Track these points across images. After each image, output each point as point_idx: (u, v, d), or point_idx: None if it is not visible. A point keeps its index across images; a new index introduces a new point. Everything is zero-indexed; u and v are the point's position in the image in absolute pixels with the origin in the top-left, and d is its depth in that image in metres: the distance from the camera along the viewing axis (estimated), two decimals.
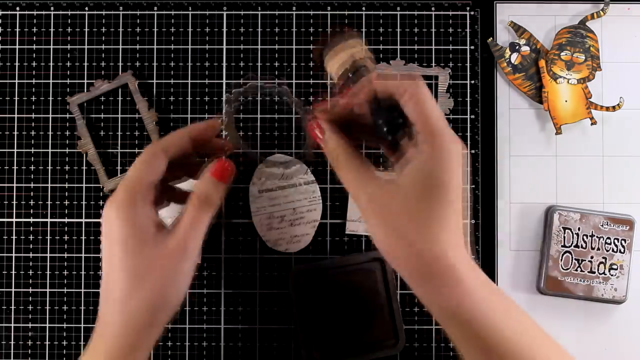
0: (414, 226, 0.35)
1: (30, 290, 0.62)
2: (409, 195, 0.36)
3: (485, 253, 0.63)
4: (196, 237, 0.41)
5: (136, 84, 0.63)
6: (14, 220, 0.63)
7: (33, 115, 0.63)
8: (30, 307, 0.62)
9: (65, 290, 0.62)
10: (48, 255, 0.62)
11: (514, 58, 0.63)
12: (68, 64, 0.64)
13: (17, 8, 0.64)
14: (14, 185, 0.63)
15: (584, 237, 0.61)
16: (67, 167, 0.63)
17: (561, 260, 0.61)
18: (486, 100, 0.64)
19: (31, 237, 0.63)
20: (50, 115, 0.63)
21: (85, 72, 0.64)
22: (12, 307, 0.62)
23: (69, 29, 0.64)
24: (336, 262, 0.61)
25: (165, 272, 0.39)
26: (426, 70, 0.64)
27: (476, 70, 0.64)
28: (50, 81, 0.63)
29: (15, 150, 0.63)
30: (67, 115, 0.63)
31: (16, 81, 0.63)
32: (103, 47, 0.64)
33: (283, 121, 0.63)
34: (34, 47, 0.64)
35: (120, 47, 0.64)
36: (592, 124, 0.63)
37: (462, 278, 0.36)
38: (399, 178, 0.37)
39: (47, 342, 0.62)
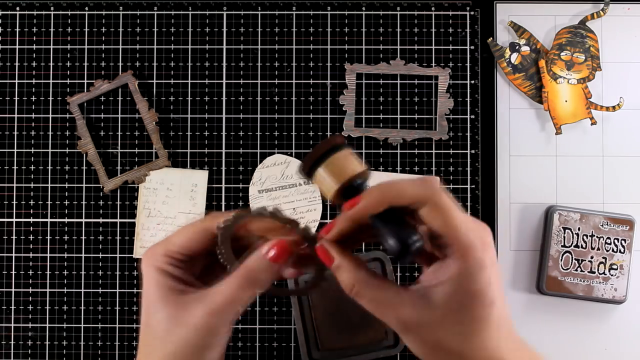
0: (459, 338, 0.33)
1: (30, 290, 0.62)
2: (447, 311, 0.34)
3: None
4: (229, 317, 0.37)
5: (136, 84, 0.63)
6: (14, 220, 0.63)
7: (33, 115, 0.63)
8: (30, 307, 0.62)
9: (65, 290, 0.62)
10: (48, 255, 0.62)
11: (514, 58, 0.63)
12: (68, 64, 0.64)
13: (17, 8, 0.64)
14: (14, 185, 0.63)
15: (584, 237, 0.61)
16: (67, 167, 0.63)
17: (561, 260, 0.61)
18: (486, 100, 0.64)
19: (31, 237, 0.63)
20: (50, 115, 0.63)
21: (85, 72, 0.64)
22: (12, 307, 0.62)
23: (69, 29, 0.64)
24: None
25: (185, 341, 0.36)
26: (426, 70, 0.64)
27: (476, 70, 0.64)
28: (50, 81, 0.63)
29: (15, 150, 0.63)
30: (67, 115, 0.63)
31: (16, 81, 0.63)
32: (103, 47, 0.64)
33: (283, 121, 0.63)
34: (34, 47, 0.64)
35: (120, 47, 0.64)
36: (592, 124, 0.63)
37: None
38: (432, 294, 0.34)
39: (47, 342, 0.62)
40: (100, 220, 0.63)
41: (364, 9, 0.64)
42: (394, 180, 0.36)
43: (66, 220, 0.63)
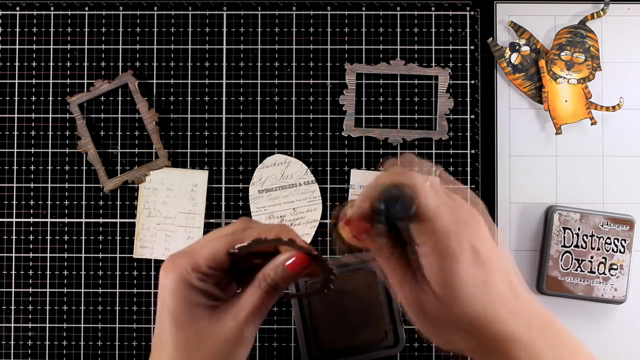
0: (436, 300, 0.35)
1: (30, 290, 0.62)
2: (441, 293, 0.35)
3: None
4: (256, 324, 0.38)
5: (136, 84, 0.63)
6: (14, 220, 0.63)
7: (33, 115, 0.63)
8: (30, 307, 0.62)
9: (65, 290, 0.62)
10: (48, 255, 0.62)
11: (514, 58, 0.63)
12: (68, 64, 0.64)
13: (17, 8, 0.64)
14: (14, 185, 0.63)
15: (584, 237, 0.61)
16: (67, 167, 0.63)
17: (561, 260, 0.61)
18: (486, 100, 0.64)
19: (31, 237, 0.63)
20: (50, 115, 0.63)
21: (85, 72, 0.64)
22: (12, 307, 0.62)
23: (69, 29, 0.64)
24: (336, 262, 0.61)
25: (216, 354, 0.37)
26: (426, 70, 0.64)
27: (476, 70, 0.64)
28: (50, 81, 0.63)
29: (15, 150, 0.63)
30: (67, 115, 0.63)
31: (16, 81, 0.63)
32: (103, 47, 0.64)
33: (283, 121, 0.63)
34: (34, 47, 0.64)
35: (120, 47, 0.64)
36: (592, 124, 0.63)
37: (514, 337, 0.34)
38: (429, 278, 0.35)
39: (47, 342, 0.62)
40: (100, 220, 0.63)
41: (364, 9, 0.64)
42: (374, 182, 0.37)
43: (66, 220, 0.63)
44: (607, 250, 0.61)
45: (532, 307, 0.36)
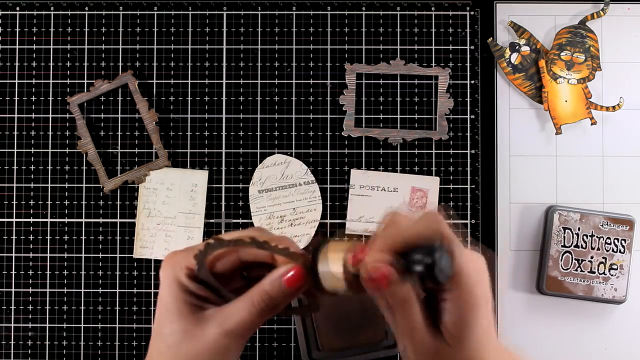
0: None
1: (30, 290, 0.62)
2: (453, 342, 0.36)
3: (486, 253, 0.63)
4: (242, 338, 0.37)
5: (136, 84, 0.63)
6: (14, 220, 0.63)
7: (33, 115, 0.63)
8: (30, 307, 0.62)
9: (65, 290, 0.62)
10: (48, 255, 0.62)
11: (514, 58, 0.63)
12: (68, 64, 0.64)
13: (17, 8, 0.64)
14: (14, 185, 0.63)
15: (584, 237, 0.61)
16: (67, 167, 0.63)
17: (561, 260, 0.61)
18: (486, 100, 0.64)
19: (31, 237, 0.63)
20: (50, 115, 0.63)
21: (85, 72, 0.64)
22: (12, 307, 0.62)
23: (69, 29, 0.64)
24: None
25: (195, 356, 0.36)
26: (426, 70, 0.64)
27: (476, 70, 0.64)
28: (50, 81, 0.63)
29: (15, 150, 0.63)
30: (67, 115, 0.63)
31: (16, 81, 0.63)
32: (103, 47, 0.64)
33: (283, 121, 0.63)
34: (34, 47, 0.64)
35: (120, 47, 0.64)
36: (592, 124, 0.63)
37: None
38: (443, 327, 0.36)
39: (47, 342, 0.62)
40: (100, 220, 0.63)
41: (364, 9, 0.64)
42: (397, 223, 0.35)
43: (66, 220, 0.63)
44: (607, 250, 0.61)
45: (503, 347, 0.38)
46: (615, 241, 0.61)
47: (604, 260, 0.61)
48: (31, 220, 0.63)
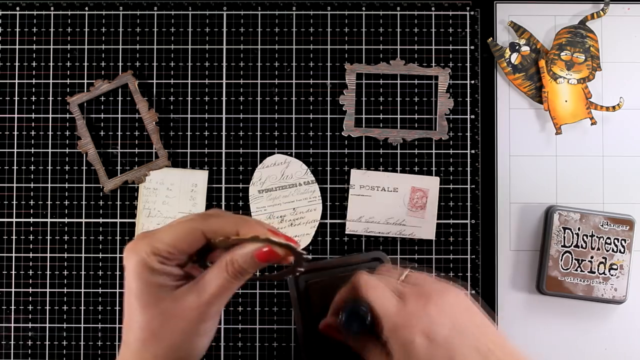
0: None
1: (30, 290, 0.62)
2: None
3: (485, 253, 0.63)
4: (219, 304, 0.39)
5: (136, 84, 0.63)
6: (14, 220, 0.63)
7: (33, 115, 0.63)
8: (30, 307, 0.62)
9: (65, 290, 0.62)
10: (48, 255, 0.62)
11: (514, 58, 0.63)
12: (68, 64, 0.64)
13: (17, 8, 0.64)
14: (14, 185, 0.63)
15: (584, 237, 0.61)
16: (67, 167, 0.63)
17: (561, 260, 0.61)
18: (486, 100, 0.64)
19: (31, 237, 0.63)
20: (50, 115, 0.63)
21: (85, 72, 0.64)
22: (12, 307, 0.62)
23: (69, 29, 0.64)
24: (336, 262, 0.61)
25: (181, 332, 0.37)
26: (426, 70, 0.64)
27: (476, 70, 0.64)
28: (50, 81, 0.63)
29: (15, 150, 0.63)
30: (67, 115, 0.63)
31: (16, 81, 0.63)
32: (103, 47, 0.64)
33: (283, 121, 0.63)
34: (34, 47, 0.64)
35: (120, 47, 0.64)
36: (592, 124, 0.63)
37: None
38: None
39: (47, 342, 0.62)
40: (100, 220, 0.63)
41: (364, 9, 0.64)
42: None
43: (66, 220, 0.63)
44: (607, 250, 0.61)
45: None
46: (615, 241, 0.61)
47: (604, 260, 0.61)
48: (31, 220, 0.63)
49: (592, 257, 0.61)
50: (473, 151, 0.63)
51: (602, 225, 0.61)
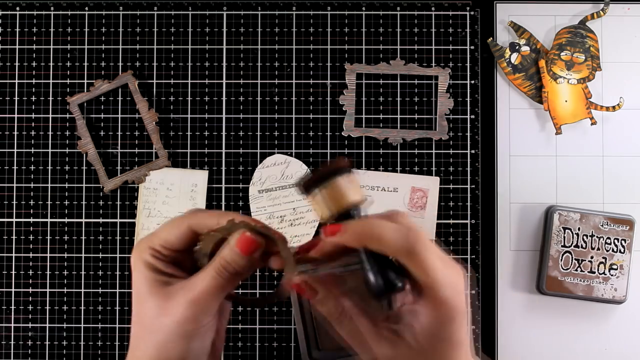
0: None
1: (30, 290, 0.62)
2: (420, 352, 0.36)
3: (485, 253, 0.63)
4: (209, 304, 0.38)
5: (136, 84, 0.63)
6: (14, 220, 0.63)
7: (33, 115, 0.63)
8: (30, 307, 0.62)
9: (65, 290, 0.62)
10: (48, 255, 0.62)
11: (514, 58, 0.63)
12: (68, 64, 0.64)
13: (17, 8, 0.64)
14: (14, 185, 0.63)
15: (584, 237, 0.61)
16: (67, 167, 0.63)
17: (561, 260, 0.61)
18: (486, 100, 0.64)
19: (31, 237, 0.63)
20: (50, 115, 0.63)
21: (85, 72, 0.64)
22: (12, 307, 0.62)
23: (69, 29, 0.64)
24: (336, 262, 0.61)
25: (168, 330, 0.37)
26: (426, 70, 0.64)
27: (476, 70, 0.64)
28: (50, 81, 0.63)
29: (15, 150, 0.63)
30: (67, 115, 0.63)
31: (16, 81, 0.63)
32: (103, 47, 0.64)
33: (283, 121, 0.63)
34: (34, 47, 0.64)
35: (120, 47, 0.64)
36: (592, 124, 0.63)
37: None
38: (407, 334, 0.37)
39: (47, 342, 0.62)
40: (100, 220, 0.63)
41: (364, 9, 0.64)
42: (377, 221, 0.37)
43: (66, 220, 0.63)
44: (607, 250, 0.61)
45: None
46: (615, 241, 0.61)
47: (604, 260, 0.61)
48: (31, 220, 0.63)
49: (592, 257, 0.61)
50: (473, 151, 0.63)
51: (602, 225, 0.61)
